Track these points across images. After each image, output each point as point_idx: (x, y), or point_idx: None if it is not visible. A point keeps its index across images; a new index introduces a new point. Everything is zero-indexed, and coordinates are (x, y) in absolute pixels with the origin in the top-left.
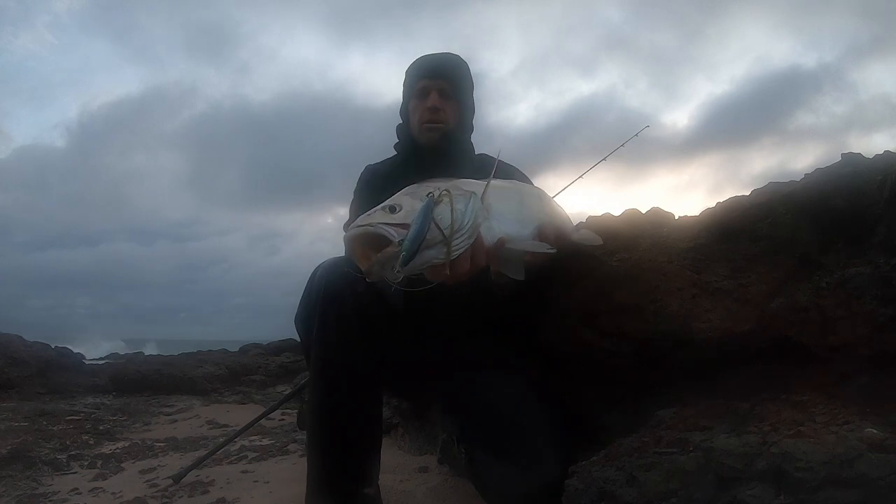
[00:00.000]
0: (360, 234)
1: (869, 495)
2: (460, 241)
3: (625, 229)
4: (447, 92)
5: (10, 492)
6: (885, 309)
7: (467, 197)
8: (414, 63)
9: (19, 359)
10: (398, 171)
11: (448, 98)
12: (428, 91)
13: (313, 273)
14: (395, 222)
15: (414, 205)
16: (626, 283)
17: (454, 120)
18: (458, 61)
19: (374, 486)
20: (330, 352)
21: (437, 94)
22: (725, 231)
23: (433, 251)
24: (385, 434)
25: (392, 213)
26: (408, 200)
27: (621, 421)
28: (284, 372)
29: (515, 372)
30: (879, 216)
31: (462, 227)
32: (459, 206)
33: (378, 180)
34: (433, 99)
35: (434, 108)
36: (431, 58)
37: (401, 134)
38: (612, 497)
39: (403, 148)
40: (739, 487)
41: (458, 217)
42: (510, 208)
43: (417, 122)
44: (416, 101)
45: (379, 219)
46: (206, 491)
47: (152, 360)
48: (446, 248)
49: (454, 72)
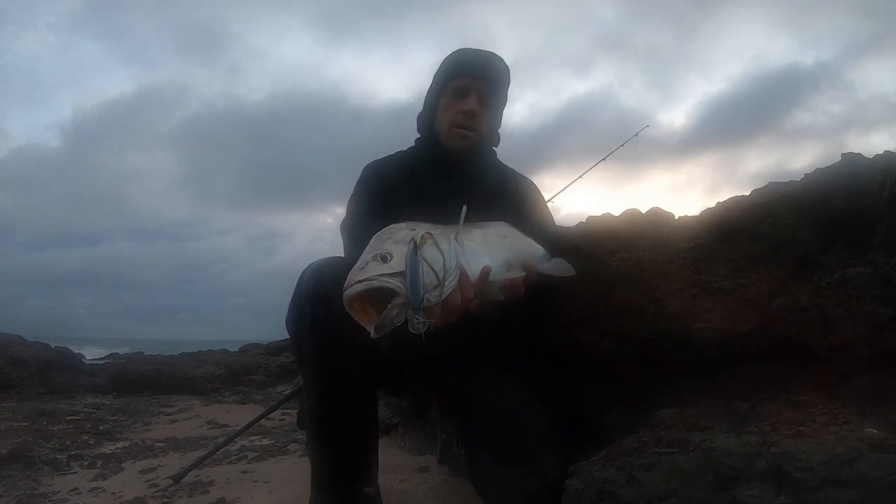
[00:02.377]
0: (364, 290)
1: (869, 495)
2: (451, 280)
3: (625, 229)
4: (487, 98)
5: (10, 492)
6: (885, 309)
7: (447, 236)
8: (454, 55)
9: (19, 359)
10: (410, 170)
11: (486, 105)
12: (467, 92)
13: (302, 274)
14: (392, 272)
15: (401, 250)
16: (626, 283)
17: (487, 130)
18: (503, 65)
19: (373, 485)
20: (322, 352)
21: (476, 97)
22: (725, 231)
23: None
24: (385, 434)
25: (385, 263)
26: (395, 247)
27: (621, 421)
28: (284, 372)
29: (515, 372)
30: (879, 216)
31: (451, 266)
32: (444, 246)
33: (384, 179)
34: (472, 103)
35: (472, 113)
36: (475, 55)
37: (423, 128)
38: (612, 497)
39: (425, 147)
40: (739, 487)
41: (447, 257)
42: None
43: (448, 123)
44: (451, 100)
45: (375, 271)
46: (206, 491)
47: (152, 360)
48: (439, 290)
49: (499, 77)
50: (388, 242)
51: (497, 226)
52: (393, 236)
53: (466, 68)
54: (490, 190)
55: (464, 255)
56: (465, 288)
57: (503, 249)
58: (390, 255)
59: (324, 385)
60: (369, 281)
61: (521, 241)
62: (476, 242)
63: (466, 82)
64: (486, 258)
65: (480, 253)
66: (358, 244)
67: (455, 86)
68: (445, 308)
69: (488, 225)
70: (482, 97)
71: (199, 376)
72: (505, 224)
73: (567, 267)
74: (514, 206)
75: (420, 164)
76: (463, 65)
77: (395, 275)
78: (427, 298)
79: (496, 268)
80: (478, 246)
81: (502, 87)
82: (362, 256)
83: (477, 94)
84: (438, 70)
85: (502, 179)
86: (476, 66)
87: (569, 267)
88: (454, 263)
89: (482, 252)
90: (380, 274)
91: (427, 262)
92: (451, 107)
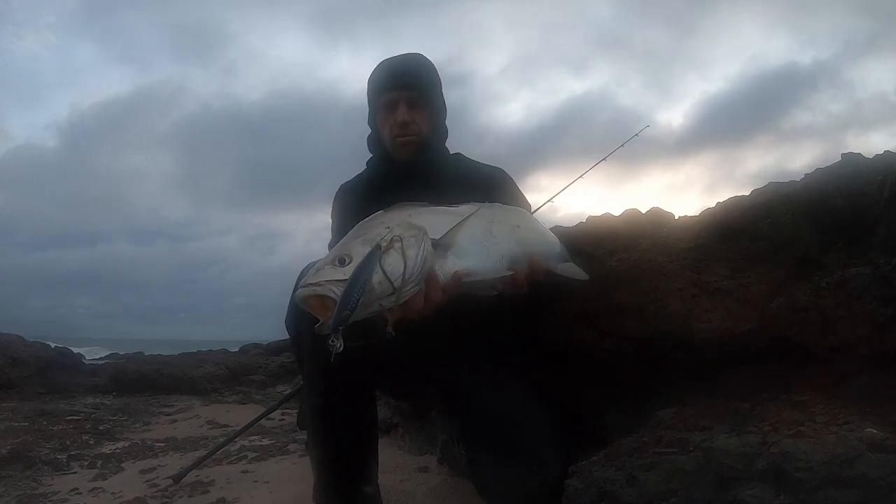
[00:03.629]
0: (308, 295)
1: (869, 495)
2: (411, 287)
3: (625, 229)
4: (416, 101)
5: (10, 492)
6: (885, 309)
7: (419, 238)
8: (375, 72)
9: (19, 359)
10: (372, 188)
11: (417, 107)
12: (395, 104)
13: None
14: (343, 278)
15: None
16: (626, 283)
17: (427, 128)
18: (421, 64)
19: (373, 484)
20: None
21: (405, 106)
22: (725, 231)
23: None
24: (385, 434)
25: (341, 266)
26: (359, 249)
27: (621, 421)
28: (284, 372)
29: (515, 372)
30: (879, 216)
31: (413, 274)
32: (411, 253)
33: (353, 199)
34: (402, 113)
35: (404, 122)
36: (393, 65)
37: (373, 147)
38: (612, 497)
39: (378, 163)
40: (739, 487)
41: (410, 265)
42: (475, 241)
43: (389, 136)
44: (385, 116)
45: (328, 276)
46: (206, 491)
47: (152, 360)
48: (396, 296)
49: (420, 78)
50: (356, 241)
51: (513, 214)
52: (368, 232)
53: (388, 82)
54: (452, 184)
55: (446, 255)
56: (431, 290)
57: (508, 243)
58: (349, 257)
59: (323, 385)
60: (315, 286)
61: (534, 234)
62: (477, 236)
63: (392, 95)
64: (475, 257)
65: (473, 249)
66: None
67: (384, 101)
68: (406, 310)
69: (504, 212)
70: (411, 103)
71: (199, 376)
72: (524, 212)
73: (579, 271)
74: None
75: (378, 180)
76: (384, 79)
77: (342, 282)
78: (381, 305)
79: (489, 265)
80: (475, 240)
81: (428, 85)
82: (333, 250)
83: (405, 103)
84: (368, 90)
85: (464, 171)
86: (396, 77)
87: (581, 271)
88: (417, 271)
89: (474, 250)
90: (330, 279)
91: (383, 270)
92: (387, 121)
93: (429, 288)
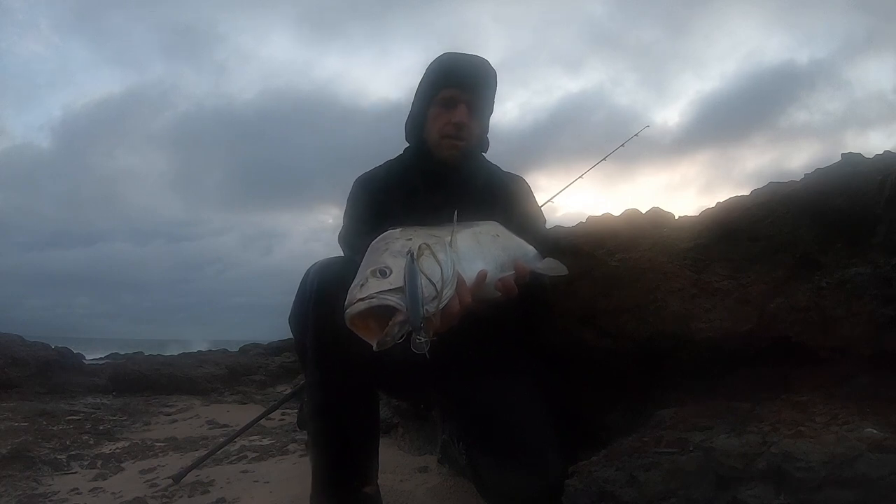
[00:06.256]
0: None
1: (869, 495)
2: (448, 290)
3: (625, 229)
4: (475, 106)
5: (10, 492)
6: (885, 309)
7: (443, 244)
8: (440, 63)
9: (19, 359)
10: (401, 181)
11: (474, 113)
12: (456, 102)
13: (307, 273)
14: (391, 287)
15: (399, 263)
16: (626, 283)
17: (476, 138)
18: (490, 70)
19: (373, 484)
20: (324, 352)
21: (465, 108)
22: (725, 231)
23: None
24: (385, 434)
25: (385, 278)
26: (393, 260)
27: (621, 421)
28: (284, 372)
29: (516, 372)
30: (879, 216)
31: (449, 276)
32: (441, 257)
33: (375, 191)
34: (461, 114)
35: (461, 124)
36: (461, 63)
37: (413, 138)
38: (612, 497)
39: (415, 156)
40: (739, 487)
41: (445, 268)
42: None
43: (437, 133)
44: (440, 111)
45: (375, 288)
46: (206, 491)
47: (152, 360)
48: (437, 300)
49: (486, 84)
50: (385, 255)
51: (488, 225)
52: (390, 247)
53: (454, 78)
54: (480, 193)
55: (459, 261)
56: (462, 294)
57: (495, 249)
58: (389, 269)
59: (325, 385)
60: (370, 299)
61: (512, 241)
62: (469, 245)
63: (454, 93)
64: (479, 260)
65: (474, 255)
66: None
67: (444, 96)
68: (444, 315)
69: (479, 224)
70: (470, 106)
71: (199, 376)
72: (496, 223)
73: (559, 266)
74: (503, 206)
75: (411, 175)
76: (451, 74)
77: (394, 290)
78: (426, 310)
79: (491, 269)
80: (471, 248)
81: (490, 93)
82: (360, 270)
83: (465, 104)
84: (425, 78)
85: (492, 181)
86: (464, 76)
87: (561, 266)
88: (451, 273)
89: (476, 254)
90: (379, 291)
91: (425, 275)
92: (441, 117)
93: (460, 290)
